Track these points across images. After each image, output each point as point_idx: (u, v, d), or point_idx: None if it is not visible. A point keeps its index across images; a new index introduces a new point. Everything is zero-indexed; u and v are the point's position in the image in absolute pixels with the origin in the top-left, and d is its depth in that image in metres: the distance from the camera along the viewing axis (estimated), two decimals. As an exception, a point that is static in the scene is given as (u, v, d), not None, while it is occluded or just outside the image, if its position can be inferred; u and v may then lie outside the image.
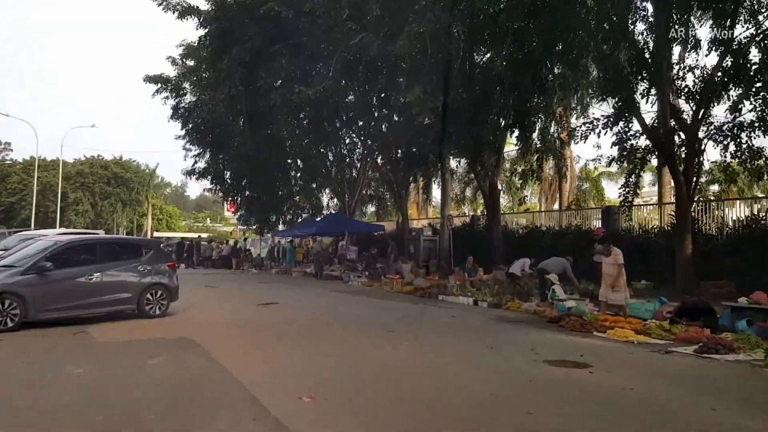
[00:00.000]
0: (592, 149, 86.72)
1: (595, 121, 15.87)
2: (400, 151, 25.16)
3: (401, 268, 21.24)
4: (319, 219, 30.25)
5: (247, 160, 25.99)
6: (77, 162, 71.41)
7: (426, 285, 16.63)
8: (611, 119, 15.39)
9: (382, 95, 18.78)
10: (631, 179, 16.91)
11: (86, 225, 68.50)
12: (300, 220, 32.78)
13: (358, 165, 30.85)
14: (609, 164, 17.25)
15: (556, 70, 17.44)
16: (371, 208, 42.18)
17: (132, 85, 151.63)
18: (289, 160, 31.58)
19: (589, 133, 15.98)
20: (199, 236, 36.64)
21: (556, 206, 36.69)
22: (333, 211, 31.58)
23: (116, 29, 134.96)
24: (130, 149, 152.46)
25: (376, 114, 24.12)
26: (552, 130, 20.66)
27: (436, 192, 43.68)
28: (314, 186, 32.25)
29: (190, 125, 27.36)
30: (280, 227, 33.95)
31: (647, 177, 44.18)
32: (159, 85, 26.42)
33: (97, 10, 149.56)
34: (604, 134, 15.70)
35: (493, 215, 21.20)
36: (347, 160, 30.25)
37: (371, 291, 17.07)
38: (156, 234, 70.33)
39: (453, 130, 13.81)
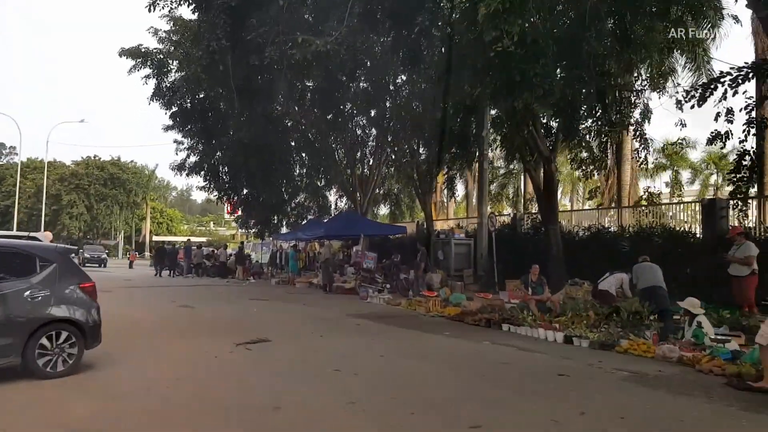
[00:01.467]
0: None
1: (716, 81, 11.29)
2: (418, 144, 20.80)
3: (431, 279, 16.82)
4: (327, 219, 25.85)
5: (243, 149, 21.67)
6: (73, 163, 67.67)
7: (476, 306, 12.13)
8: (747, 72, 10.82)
9: (413, 53, 14.20)
10: (744, 162, 12.55)
11: (81, 228, 64.66)
12: (305, 221, 28.43)
13: (371, 160, 26.59)
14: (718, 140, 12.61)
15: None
16: (383, 210, 37.81)
17: (134, 85, 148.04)
18: (294, 155, 27.27)
19: (708, 95, 11.42)
20: (188, 240, 32.26)
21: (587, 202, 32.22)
22: (343, 212, 27.17)
23: (119, 29, 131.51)
24: (132, 149, 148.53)
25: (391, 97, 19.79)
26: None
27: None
28: (321, 182, 27.90)
29: (175, 108, 23.06)
30: (284, 230, 29.60)
31: (685, 175, 39.76)
32: (138, 60, 22.02)
33: (100, 10, 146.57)
34: (732, 95, 11.14)
35: (549, 213, 16.64)
36: (359, 153, 25.99)
37: (402, 315, 12.55)
38: (156, 238, 66.20)
39: (536, 76, 9.26)
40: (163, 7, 15.48)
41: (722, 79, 11.17)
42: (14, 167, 67.77)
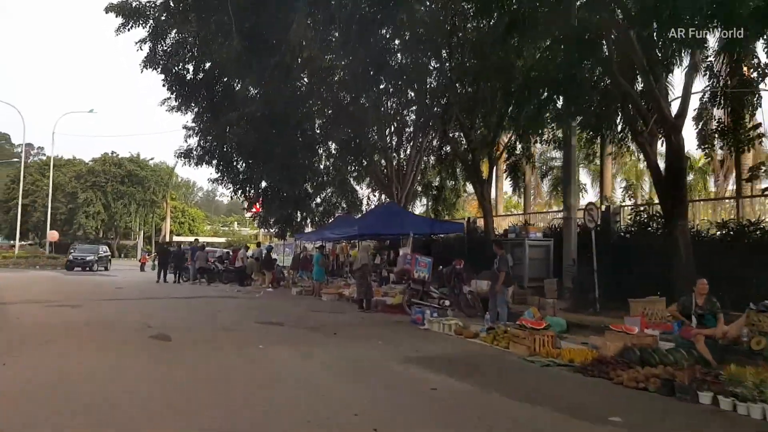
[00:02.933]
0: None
1: None
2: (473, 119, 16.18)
3: (507, 293, 12.16)
4: (359, 216, 21.37)
5: (257, 125, 17.41)
6: (92, 160, 64.74)
7: (615, 347, 7.41)
8: None
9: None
10: None
11: (98, 228, 61.55)
12: (332, 219, 24.07)
13: (408, 148, 22.18)
14: None
15: None
16: (419, 207, 33.21)
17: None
18: (319, 139, 22.95)
19: None
20: (196, 239, 28.09)
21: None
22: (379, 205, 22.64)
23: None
24: (147, 141, 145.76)
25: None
26: None
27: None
28: (352, 170, 23.49)
29: (172, 77, 18.91)
30: (308, 228, 25.29)
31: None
32: (129, 20, 17.85)
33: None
34: None
35: (675, 203, 11.80)
36: (394, 141, 21.67)
37: (492, 362, 7.85)
38: (176, 238, 62.69)
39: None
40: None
41: None
42: (33, 165, 65.22)
